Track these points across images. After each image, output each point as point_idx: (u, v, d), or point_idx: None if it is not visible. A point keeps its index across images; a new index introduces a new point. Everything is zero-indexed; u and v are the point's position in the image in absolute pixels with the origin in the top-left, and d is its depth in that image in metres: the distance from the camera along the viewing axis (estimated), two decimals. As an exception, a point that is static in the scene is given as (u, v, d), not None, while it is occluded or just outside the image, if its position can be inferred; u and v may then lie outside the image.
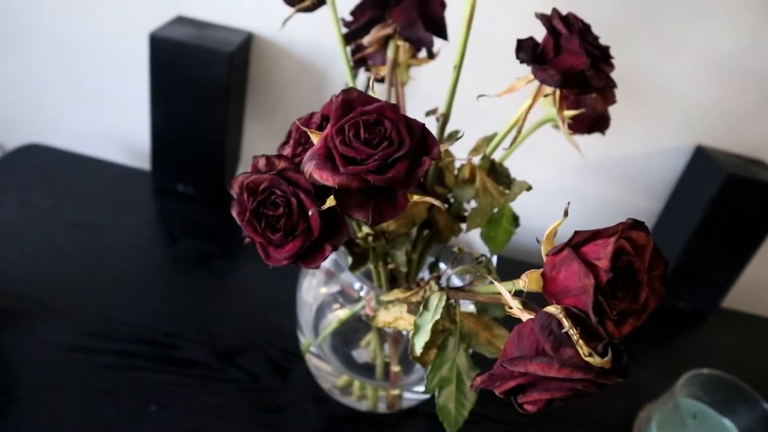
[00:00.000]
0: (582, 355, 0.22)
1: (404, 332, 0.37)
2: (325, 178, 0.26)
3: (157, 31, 0.59)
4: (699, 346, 0.70)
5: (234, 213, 0.31)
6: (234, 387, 0.51)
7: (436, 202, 0.29)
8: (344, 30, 0.43)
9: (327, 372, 0.51)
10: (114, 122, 0.74)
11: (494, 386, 0.24)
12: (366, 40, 0.42)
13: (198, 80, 0.60)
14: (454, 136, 0.43)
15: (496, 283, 0.27)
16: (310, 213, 0.27)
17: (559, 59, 0.33)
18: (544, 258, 0.27)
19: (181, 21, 0.63)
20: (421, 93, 0.60)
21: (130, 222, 0.66)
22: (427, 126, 0.27)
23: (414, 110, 0.42)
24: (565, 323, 0.23)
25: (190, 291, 0.60)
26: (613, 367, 0.23)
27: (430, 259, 0.47)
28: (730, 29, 0.61)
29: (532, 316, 0.24)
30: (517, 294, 0.28)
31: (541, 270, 0.26)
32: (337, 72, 0.67)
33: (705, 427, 0.56)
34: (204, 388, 0.50)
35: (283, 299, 0.56)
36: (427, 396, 0.52)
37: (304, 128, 0.29)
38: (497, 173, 0.41)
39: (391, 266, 0.41)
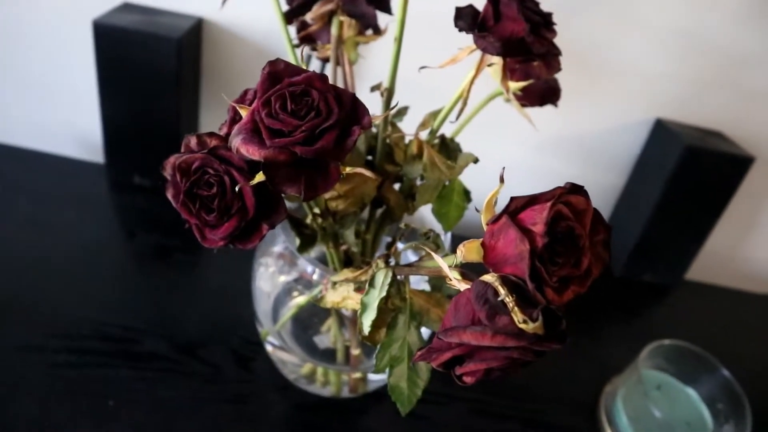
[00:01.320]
0: (516, 323, 0.21)
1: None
2: (252, 152, 0.25)
3: (100, 18, 0.57)
4: (665, 318, 0.71)
5: (169, 195, 0.30)
6: (196, 379, 0.50)
7: (367, 173, 0.28)
8: (286, 7, 0.42)
9: (291, 363, 0.50)
10: (64, 115, 0.72)
11: (432, 359, 0.23)
12: (308, 16, 0.41)
13: (146, 68, 0.58)
14: (403, 112, 0.42)
15: (433, 254, 0.26)
16: (237, 188, 0.26)
17: (499, 26, 0.32)
18: (485, 227, 0.26)
19: (127, 7, 0.61)
20: (376, 71, 0.60)
21: (86, 217, 0.64)
22: (358, 97, 0.27)
23: (366, 90, 0.41)
24: (501, 291, 0.22)
25: (150, 285, 0.58)
26: (550, 334, 0.22)
27: (387, 239, 0.46)
28: (684, 3, 0.61)
29: (470, 286, 0.24)
30: (461, 266, 0.27)
31: (481, 240, 0.26)
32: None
33: (669, 397, 0.56)
34: (165, 382, 0.49)
35: (246, 289, 0.54)
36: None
37: (234, 104, 0.28)
38: (449, 148, 0.40)
39: (344, 248, 0.41)
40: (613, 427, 0.53)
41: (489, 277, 0.23)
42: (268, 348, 0.51)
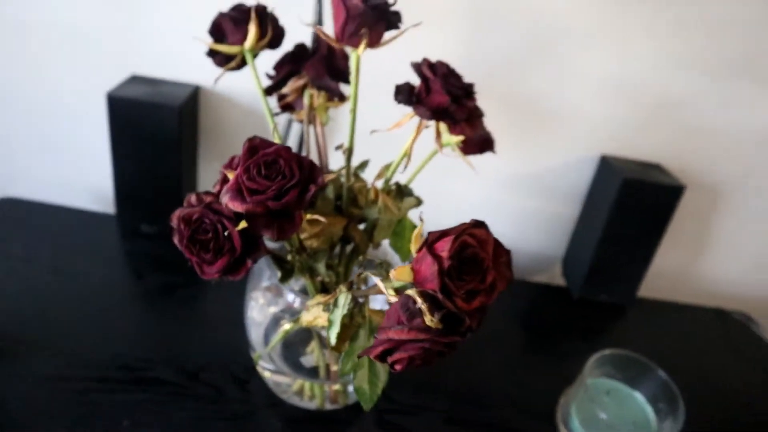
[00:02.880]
0: (426, 322, 0.30)
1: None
2: (237, 207, 0.33)
3: (113, 91, 0.67)
4: (621, 334, 0.78)
5: (175, 240, 0.39)
6: (200, 401, 0.57)
7: (322, 219, 0.37)
8: (268, 83, 0.51)
9: (282, 383, 0.58)
10: (79, 173, 0.82)
11: (370, 353, 0.31)
12: (285, 90, 0.51)
13: (152, 132, 0.68)
14: (365, 165, 0.51)
15: (373, 278, 0.35)
16: (226, 233, 0.34)
17: (429, 98, 0.41)
18: (414, 255, 0.35)
19: (135, 80, 0.71)
20: (345, 129, 0.69)
21: (100, 262, 0.72)
22: (327, 155, 0.35)
23: (335, 145, 0.50)
24: (418, 300, 0.31)
25: (158, 319, 0.66)
26: (454, 330, 0.30)
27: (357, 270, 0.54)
28: (615, 56, 0.71)
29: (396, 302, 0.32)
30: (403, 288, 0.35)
31: (410, 264, 0.34)
32: (280, 118, 0.76)
33: (618, 401, 0.64)
34: (173, 404, 0.56)
35: (241, 319, 0.63)
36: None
37: (223, 170, 0.37)
38: (403, 193, 0.49)
39: (319, 278, 0.49)
40: (568, 429, 0.61)
41: (410, 291, 0.31)
42: (262, 371, 0.58)
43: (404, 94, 0.42)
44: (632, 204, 0.72)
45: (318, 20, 0.65)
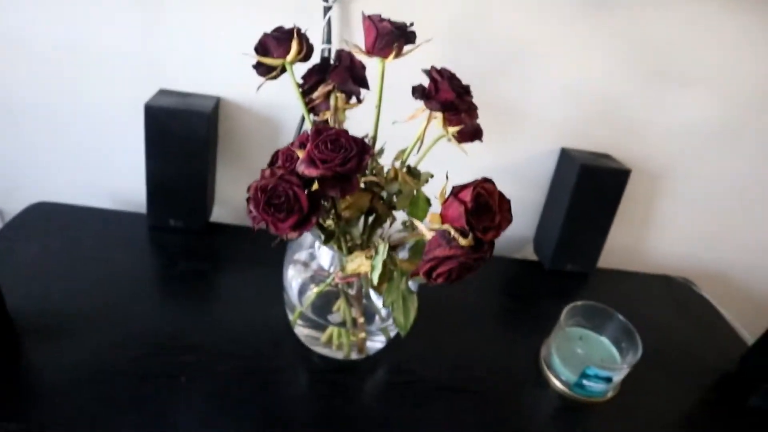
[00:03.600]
0: (460, 243, 0.42)
1: (363, 289, 0.56)
2: (312, 172, 0.45)
3: (149, 102, 0.77)
4: (587, 297, 0.92)
5: (251, 206, 0.50)
6: (241, 359, 0.67)
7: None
8: (300, 90, 0.63)
9: (312, 336, 0.69)
10: (109, 177, 0.91)
11: (420, 270, 0.43)
12: (314, 95, 0.63)
13: (183, 137, 0.78)
14: (382, 152, 0.64)
15: (416, 222, 0.47)
16: (294, 190, 0.46)
17: (438, 95, 0.54)
18: (440, 206, 0.47)
19: (163, 93, 0.82)
20: (358, 127, 0.81)
21: (134, 253, 0.82)
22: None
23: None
24: (452, 231, 0.43)
25: (192, 300, 0.76)
26: (480, 250, 0.43)
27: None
28: (568, 66, 0.86)
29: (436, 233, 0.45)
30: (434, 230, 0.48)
31: (439, 212, 0.47)
32: (287, 124, 0.87)
33: (589, 344, 0.77)
34: (219, 362, 0.66)
35: (265, 295, 0.74)
36: (384, 343, 0.71)
37: (293, 149, 0.49)
38: (413, 173, 0.62)
39: (350, 244, 0.61)
40: (551, 368, 0.74)
41: (446, 226, 0.44)
42: (297, 327, 0.69)
43: (419, 92, 0.54)
44: (589, 186, 0.86)
45: (327, 39, 0.78)
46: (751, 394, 0.76)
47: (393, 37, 0.52)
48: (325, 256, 0.64)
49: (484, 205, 0.45)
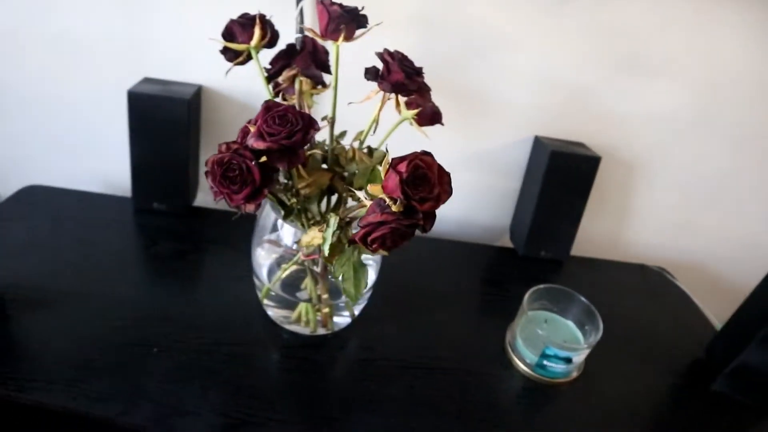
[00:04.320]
0: (393, 209, 0.45)
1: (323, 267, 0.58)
2: (260, 145, 0.48)
3: (132, 89, 0.81)
4: (560, 283, 0.94)
5: (209, 180, 0.53)
6: (213, 331, 0.71)
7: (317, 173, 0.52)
8: (266, 74, 0.66)
9: (283, 315, 0.72)
10: (98, 162, 0.95)
11: (355, 237, 0.46)
12: (280, 79, 0.66)
13: (165, 122, 0.82)
14: (343, 134, 0.67)
15: (358, 192, 0.50)
16: (247, 163, 0.49)
17: (389, 76, 0.57)
18: (383, 177, 0.49)
19: (148, 80, 0.85)
20: (326, 111, 0.84)
21: (118, 234, 0.86)
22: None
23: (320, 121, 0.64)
24: (387, 199, 0.46)
25: (170, 278, 0.79)
26: (412, 216, 0.45)
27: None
28: (538, 55, 0.88)
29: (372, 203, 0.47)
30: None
31: (380, 184, 0.49)
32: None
33: (554, 327, 0.79)
34: (191, 334, 0.69)
35: (242, 275, 0.77)
36: (349, 321, 0.73)
37: (247, 125, 0.51)
38: (372, 153, 0.64)
39: (311, 222, 0.64)
40: (514, 350, 0.76)
41: (382, 196, 0.46)
42: (266, 306, 0.72)
43: (371, 74, 0.57)
44: (559, 173, 0.88)
45: (300, 29, 0.81)
46: (714, 379, 0.78)
47: (343, 21, 0.54)
48: (287, 233, 0.67)
49: (421, 176, 0.48)
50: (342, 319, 0.73)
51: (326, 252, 0.54)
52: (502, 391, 0.72)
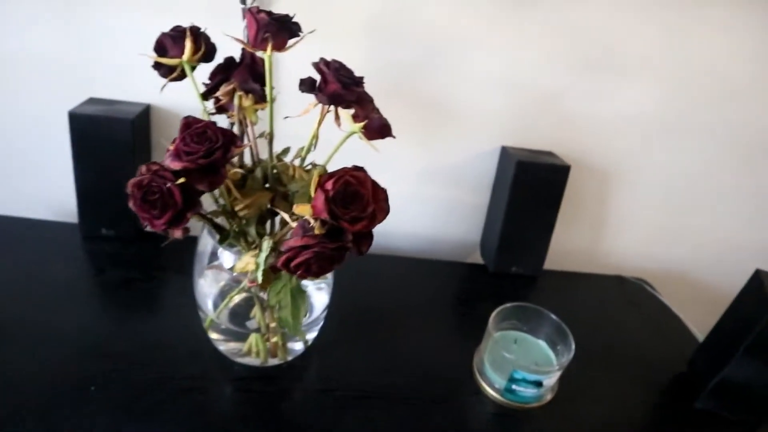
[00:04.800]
0: (316, 231, 0.41)
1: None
2: (176, 165, 0.44)
3: (74, 110, 0.77)
4: (534, 300, 0.89)
5: (131, 204, 0.49)
6: (157, 369, 0.66)
7: (235, 192, 0.47)
8: (204, 89, 0.62)
9: (232, 348, 0.67)
10: (40, 187, 0.91)
11: (278, 263, 0.42)
12: (218, 94, 0.62)
13: (109, 143, 0.78)
14: (287, 151, 0.63)
15: (283, 214, 0.45)
16: (168, 185, 0.45)
17: (326, 87, 0.53)
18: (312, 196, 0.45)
19: (92, 101, 0.82)
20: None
21: (65, 262, 0.81)
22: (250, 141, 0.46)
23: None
24: (311, 221, 0.42)
25: (117, 307, 0.75)
26: (338, 239, 0.41)
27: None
28: (501, 59, 0.85)
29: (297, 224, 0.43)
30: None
31: (311, 203, 0.45)
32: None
33: (525, 348, 0.75)
34: (136, 372, 0.65)
35: (193, 304, 0.72)
36: (301, 350, 0.69)
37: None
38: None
39: (251, 241, 0.59)
40: (482, 374, 0.72)
41: (308, 217, 0.42)
42: (218, 344, 0.68)
43: (307, 85, 0.53)
44: (527, 184, 0.84)
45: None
46: (698, 396, 0.73)
47: (271, 29, 0.51)
48: (227, 259, 0.63)
49: (352, 194, 0.44)
50: (294, 346, 0.68)
51: (259, 278, 0.50)
52: (470, 419, 0.67)
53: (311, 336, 0.69)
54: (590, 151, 0.93)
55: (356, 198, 0.44)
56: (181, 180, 0.45)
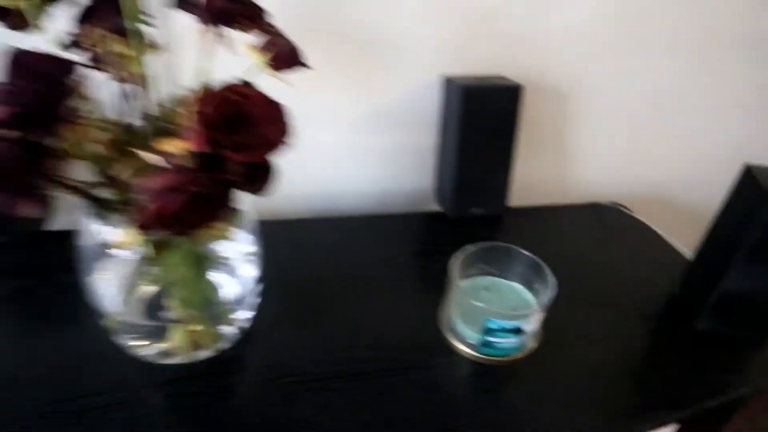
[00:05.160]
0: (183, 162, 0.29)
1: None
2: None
3: None
4: (504, 240, 0.80)
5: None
6: (63, 390, 0.54)
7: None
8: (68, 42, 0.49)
9: (154, 349, 0.56)
10: None
11: (141, 222, 0.30)
12: (82, 42, 0.49)
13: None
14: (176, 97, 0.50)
15: (141, 153, 0.34)
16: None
17: (208, 4, 0.41)
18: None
19: None
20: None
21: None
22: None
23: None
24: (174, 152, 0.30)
25: (11, 324, 0.62)
26: (218, 169, 0.30)
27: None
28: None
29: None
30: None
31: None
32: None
33: (498, 293, 0.65)
34: (30, 399, 0.53)
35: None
36: (237, 334, 0.58)
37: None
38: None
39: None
40: (453, 331, 0.62)
41: (172, 149, 0.31)
42: (131, 345, 0.56)
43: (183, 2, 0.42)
44: (477, 114, 0.74)
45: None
46: (698, 315, 0.65)
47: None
48: (113, 235, 0.50)
49: (238, 114, 0.32)
50: (227, 332, 0.57)
51: (150, 252, 0.39)
52: (445, 384, 0.57)
53: (243, 316, 0.58)
54: (541, 71, 0.83)
55: (242, 119, 0.33)
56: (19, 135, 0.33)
